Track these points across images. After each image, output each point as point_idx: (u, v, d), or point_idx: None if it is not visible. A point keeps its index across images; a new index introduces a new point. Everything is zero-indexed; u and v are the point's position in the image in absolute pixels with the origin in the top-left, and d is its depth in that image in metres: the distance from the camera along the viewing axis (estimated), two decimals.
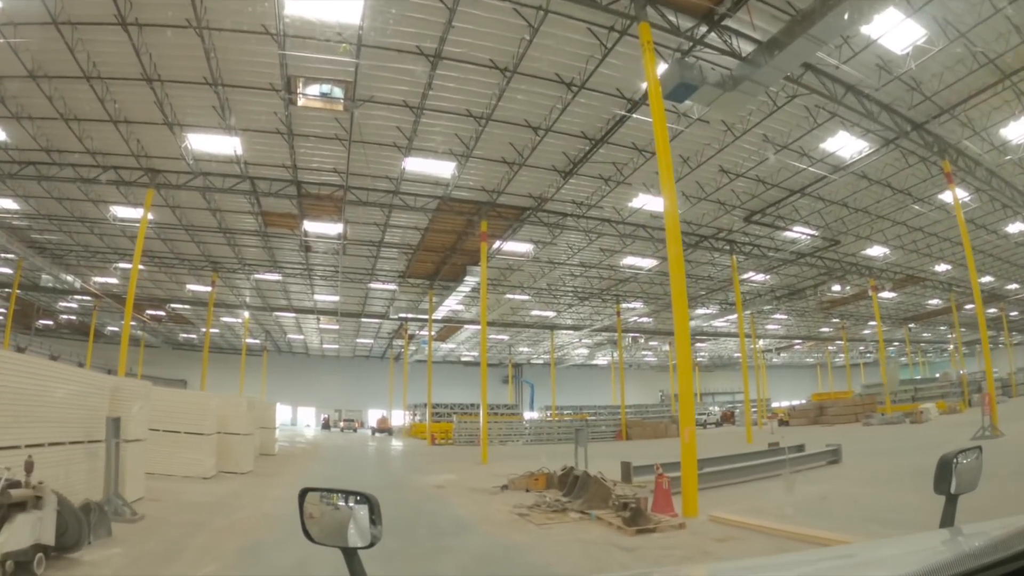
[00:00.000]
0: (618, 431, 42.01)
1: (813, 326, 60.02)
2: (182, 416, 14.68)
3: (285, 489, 13.68)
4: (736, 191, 25.82)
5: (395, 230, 29.30)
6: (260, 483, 14.93)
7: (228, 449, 16.13)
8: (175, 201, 26.96)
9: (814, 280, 40.97)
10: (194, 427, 14.68)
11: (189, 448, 14.62)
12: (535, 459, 25.46)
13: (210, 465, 15.02)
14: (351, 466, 20.93)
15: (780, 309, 49.98)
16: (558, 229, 28.35)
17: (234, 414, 16.58)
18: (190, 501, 11.64)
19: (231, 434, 16.42)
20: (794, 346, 72.58)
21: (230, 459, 16.19)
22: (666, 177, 12.93)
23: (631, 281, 39.29)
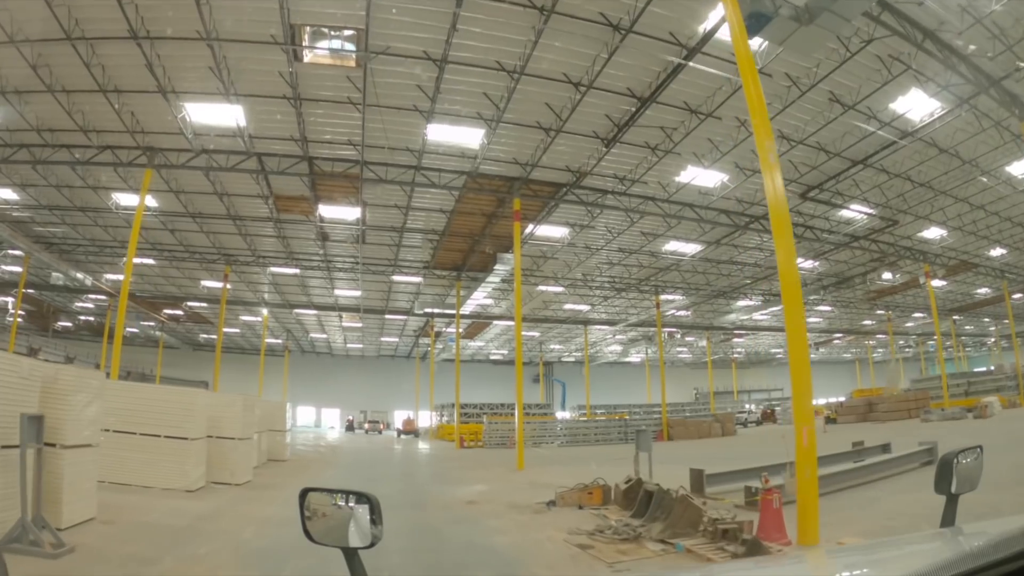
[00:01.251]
0: (659, 432, 39.12)
1: (856, 319, 56.51)
2: (162, 417, 12.33)
3: (281, 507, 11.20)
4: (794, 161, 22.90)
5: (418, 214, 26.79)
6: (253, 498, 12.41)
7: (221, 456, 13.70)
8: (179, 185, 24.74)
9: (864, 267, 37.75)
10: (176, 430, 12.32)
11: (170, 455, 12.26)
12: (578, 464, 22.87)
13: (196, 476, 12.65)
14: (369, 474, 18.30)
15: (826, 300, 46.65)
16: (597, 209, 25.66)
17: (228, 415, 14.17)
18: (152, 524, 9.17)
19: (224, 438, 14.00)
20: (833, 340, 68.98)
21: (223, 468, 13.77)
22: (761, 126, 10.14)
23: (672, 269, 36.40)
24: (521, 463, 20.09)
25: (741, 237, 30.88)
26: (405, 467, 22.29)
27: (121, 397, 12.47)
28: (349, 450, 32.03)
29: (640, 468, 12.86)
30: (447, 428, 44.29)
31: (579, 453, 27.63)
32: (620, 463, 20.49)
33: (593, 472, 17.99)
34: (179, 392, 13.82)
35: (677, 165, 22.90)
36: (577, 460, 23.95)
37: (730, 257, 34.62)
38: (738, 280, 39.37)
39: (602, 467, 20.60)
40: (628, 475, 11.71)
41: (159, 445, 12.20)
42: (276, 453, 20.46)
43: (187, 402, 12.81)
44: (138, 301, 44.22)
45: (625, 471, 17.20)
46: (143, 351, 60.20)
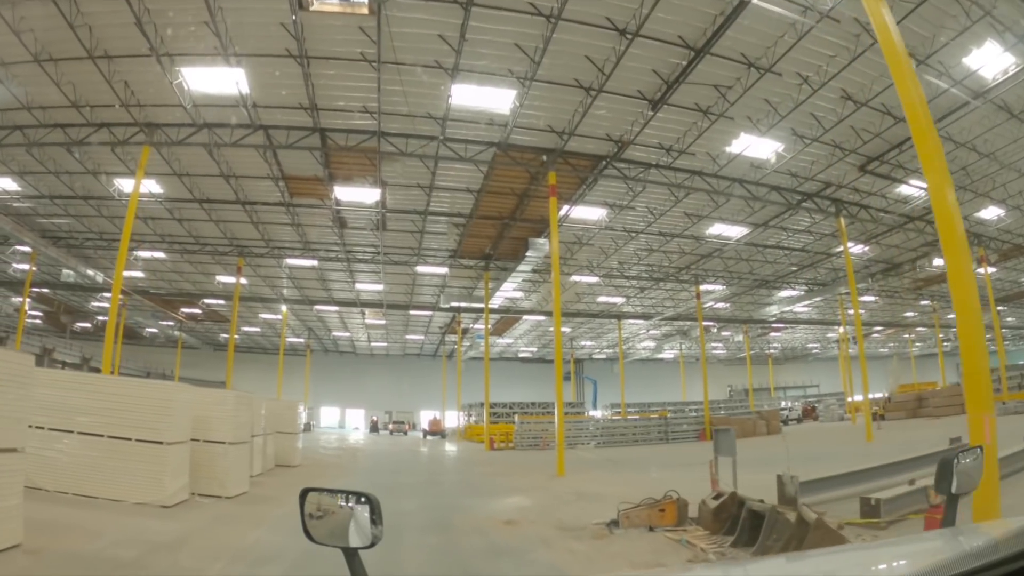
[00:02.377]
0: (701, 430, 36.60)
1: (898, 310, 53.23)
2: (133, 416, 10.21)
3: (270, 530, 9.02)
4: (856, 127, 20.28)
5: (443, 194, 24.50)
6: (241, 517, 10.15)
7: (209, 463, 11.52)
8: (182, 167, 22.77)
9: (915, 252, 34.76)
10: (150, 432, 10.17)
11: (142, 463, 10.12)
12: (625, 468, 20.49)
13: (175, 488, 10.38)
14: (389, 482, 15.77)
15: (872, 289, 43.56)
16: (639, 185, 23.24)
17: (218, 415, 11.96)
18: (90, 556, 6.99)
19: (212, 443, 11.80)
20: (873, 334, 65.60)
21: (212, 477, 11.58)
22: None
23: (714, 256, 33.77)
24: (561, 468, 17.74)
25: (791, 218, 28.28)
26: (431, 474, 19.90)
27: (87, 392, 10.41)
28: (370, 453, 29.85)
29: (720, 475, 10.47)
30: (475, 429, 42.07)
31: (621, 455, 25.24)
32: (677, 468, 18.11)
33: (650, 479, 15.63)
34: (153, 386, 11.50)
35: (729, 132, 20.42)
36: (623, 464, 21.58)
37: (777, 241, 31.98)
38: (783, 267, 36.63)
39: (658, 472, 18.31)
40: (718, 488, 9.29)
41: (130, 451, 10.05)
42: (285, 458, 18.30)
43: (162, 398, 10.60)
44: (153, 299, 42.67)
45: (687, 477, 14.80)
46: (163, 352, 58.95)
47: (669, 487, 13.44)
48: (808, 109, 19.04)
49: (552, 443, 31.25)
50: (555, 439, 31.95)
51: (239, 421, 12.19)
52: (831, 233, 30.08)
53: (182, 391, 11.25)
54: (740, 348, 66.43)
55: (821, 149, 21.79)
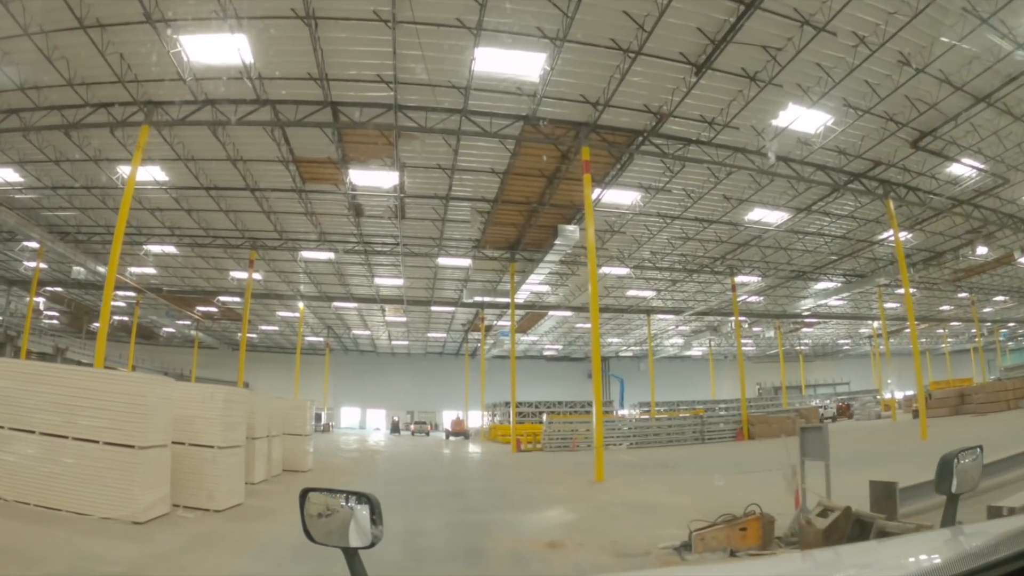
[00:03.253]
0: (739, 430, 34.61)
1: (934, 303, 50.71)
2: (100, 414, 8.61)
3: (254, 558, 7.37)
4: (911, 96, 18.29)
5: (466, 177, 22.73)
6: (224, 538, 8.35)
7: (194, 471, 9.89)
8: (187, 151, 21.33)
9: (959, 240, 32.49)
10: (119, 433, 8.54)
11: (112, 470, 8.50)
12: (669, 472, 18.40)
13: (149, 500, 8.72)
14: (408, 492, 13.63)
15: (913, 280, 41.16)
16: (677, 164, 21.47)
17: (205, 414, 10.24)
18: None
19: (199, 446, 10.16)
20: (905, 329, 62.96)
21: (198, 488, 9.90)
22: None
23: (751, 245, 31.75)
24: (600, 473, 15.88)
25: (835, 201, 26.27)
26: (455, 480, 17.93)
27: (48, 386, 8.84)
28: (390, 456, 28.14)
29: (803, 483, 8.64)
30: (500, 429, 40.35)
31: (658, 457, 23.36)
32: (729, 473, 16.27)
33: (704, 486, 13.80)
34: (121, 379, 9.75)
35: (776, 102, 18.53)
36: (665, 467, 19.75)
37: (819, 228, 29.92)
38: (822, 257, 34.53)
39: (703, 476, 16.46)
40: (824, 505, 7.42)
41: (97, 455, 8.43)
42: (294, 462, 16.60)
43: (133, 393, 8.88)
44: (166, 297, 41.46)
45: (745, 483, 13.00)
46: (180, 352, 57.85)
47: (729, 495, 11.63)
48: (863, 75, 17.15)
49: (582, 445, 29.62)
50: (586, 440, 30.46)
51: (231, 421, 10.44)
52: (875, 219, 28.21)
53: (158, 385, 9.52)
54: (770, 345, 64.36)
55: (872, 122, 19.84)
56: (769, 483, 12.78)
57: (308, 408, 18.15)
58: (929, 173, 23.48)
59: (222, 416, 10.14)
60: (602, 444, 16.70)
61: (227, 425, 10.24)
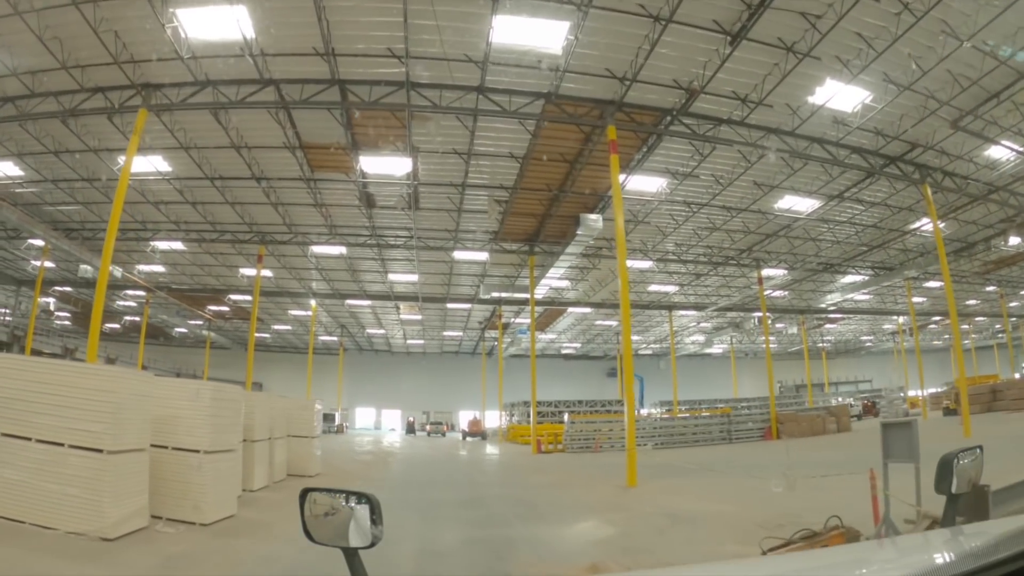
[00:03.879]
0: (767, 429, 33.18)
1: (959, 298, 48.89)
2: (66, 413, 7.45)
3: None
4: (953, 71, 16.90)
5: (483, 163, 21.47)
6: (202, 562, 6.97)
7: (179, 478, 8.68)
8: (189, 138, 20.28)
9: (993, 229, 30.89)
10: (87, 436, 7.41)
11: (78, 478, 7.34)
12: (707, 475, 16.96)
13: (120, 513, 7.48)
14: (423, 499, 12.27)
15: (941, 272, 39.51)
16: (707, 146, 20.22)
17: (189, 414, 8.95)
18: None
19: (183, 451, 8.86)
20: (930, 324, 61.11)
21: (183, 497, 8.64)
22: None
23: (780, 235, 30.33)
24: (633, 477, 14.60)
25: (869, 188, 24.87)
26: (474, 486, 16.32)
27: (6, 379, 7.77)
28: (404, 458, 26.86)
29: (886, 490, 7.35)
30: (519, 429, 39.10)
31: (689, 458, 21.99)
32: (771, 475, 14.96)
33: (750, 491, 12.52)
34: (89, 372, 8.31)
35: (813, 77, 17.20)
36: (699, 469, 18.40)
37: (850, 217, 28.43)
38: (852, 248, 33.03)
39: (753, 480, 15.16)
40: (925, 513, 6.14)
41: (63, 461, 7.29)
42: (300, 466, 15.37)
43: (103, 388, 7.60)
44: (177, 295, 40.60)
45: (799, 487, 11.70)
46: (193, 352, 57.14)
47: (782, 502, 10.39)
48: (905, 47, 15.77)
49: (604, 445, 28.33)
50: (608, 441, 29.17)
51: (221, 422, 9.22)
52: (908, 206, 26.78)
53: (132, 379, 8.25)
54: (792, 342, 62.87)
55: (912, 99, 18.49)
56: (823, 488, 11.54)
57: (315, 408, 16.85)
58: (967, 156, 22.18)
59: (209, 416, 8.91)
60: (634, 446, 15.32)
61: (216, 427, 9.00)
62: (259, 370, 58.99)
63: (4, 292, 44.32)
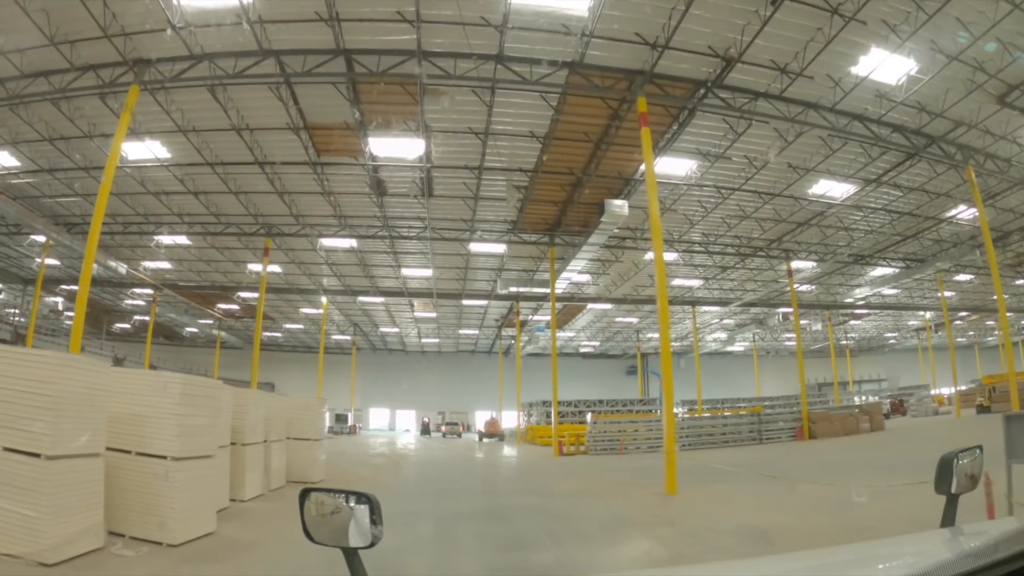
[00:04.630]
0: (799, 428, 31.53)
1: (987, 292, 46.93)
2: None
3: None
4: (1003, 38, 15.36)
5: (501, 143, 19.96)
6: None
7: (144, 490, 7.22)
8: (187, 119, 19.03)
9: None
10: (21, 437, 6.01)
11: (12, 486, 5.97)
12: (752, 480, 15.37)
13: (62, 531, 6.08)
14: (437, 512, 10.96)
15: (975, 264, 37.58)
16: (743, 122, 18.71)
17: (156, 412, 7.40)
18: None
19: (146, 456, 7.33)
20: (955, 320, 58.96)
21: (147, 512, 7.21)
22: None
23: (811, 224, 28.71)
24: (673, 483, 13.09)
25: (908, 171, 23.25)
26: (494, 495, 14.61)
27: None
28: (418, 462, 25.33)
29: (1012, 495, 5.89)
30: (538, 430, 37.61)
31: (722, 460, 20.39)
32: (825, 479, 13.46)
33: (818, 499, 10.98)
34: (24, 358, 6.66)
35: (858, 45, 15.75)
36: (741, 473, 16.84)
37: (886, 203, 26.75)
38: (885, 238, 31.33)
39: (795, 485, 13.60)
40: None
41: None
42: (301, 472, 13.85)
43: (41, 379, 6.20)
44: (184, 293, 39.53)
45: (867, 491, 10.21)
46: (205, 352, 56.14)
47: (856, 512, 8.90)
48: (955, 10, 14.30)
49: (629, 447, 26.79)
50: (634, 442, 27.62)
51: (193, 422, 7.68)
52: (947, 192, 25.19)
53: (81, 369, 6.70)
54: (815, 339, 61.06)
55: (959, 71, 16.99)
56: (892, 494, 10.02)
57: (319, 408, 15.40)
58: (1011, 137, 20.66)
59: (179, 415, 7.42)
60: (674, 448, 13.74)
61: (187, 428, 7.53)
62: (272, 370, 58.33)
63: (12, 291, 43.44)
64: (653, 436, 27.98)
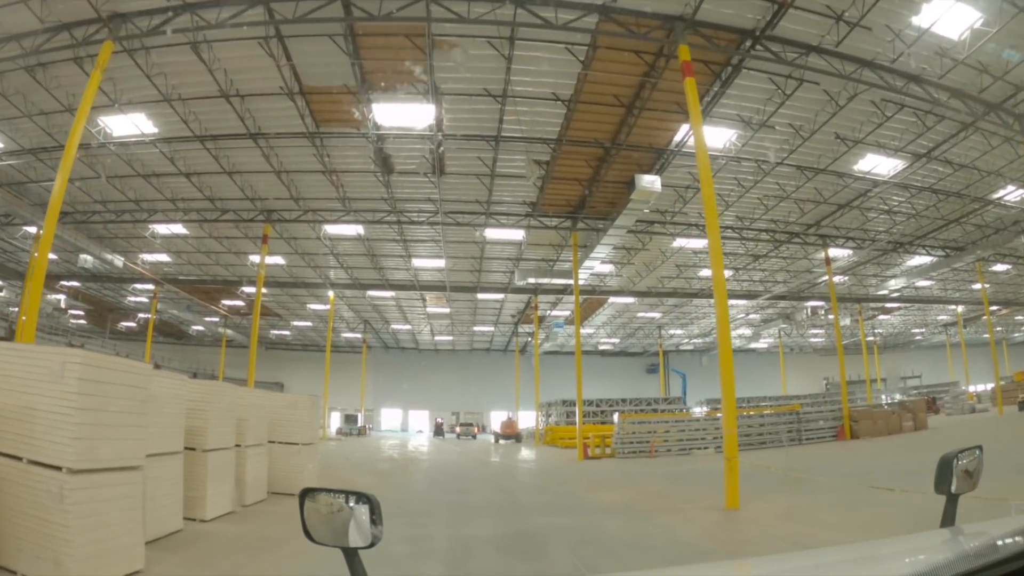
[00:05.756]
0: (840, 427, 29.37)
1: (1021, 284, 44.41)
2: None
3: None
4: None
5: (521, 107, 17.64)
6: None
7: (34, 513, 5.01)
8: (170, 85, 17.08)
9: None
10: None
11: None
12: (815, 488, 13.29)
13: None
14: (448, 536, 8.90)
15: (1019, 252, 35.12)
16: (791, 83, 16.62)
17: (49, 405, 5.13)
18: None
19: (41, 467, 5.03)
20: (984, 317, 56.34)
21: (43, 543, 4.94)
22: None
23: (852, 207, 26.45)
24: (734, 496, 10.89)
25: (961, 143, 20.97)
26: (519, 510, 11.94)
27: None
28: (428, 468, 22.94)
29: None
30: (559, 431, 35.49)
31: (769, 463, 18.15)
32: (887, 480, 11.29)
33: (893, 511, 8.83)
34: None
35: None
36: (798, 479, 14.67)
37: (934, 182, 24.43)
38: (928, 222, 28.97)
39: (869, 495, 11.36)
40: None
41: None
42: (287, 482, 11.53)
43: None
44: (186, 288, 37.79)
45: None
46: (211, 351, 54.45)
47: None
48: None
49: (660, 449, 24.63)
50: (665, 444, 25.35)
51: (103, 421, 5.39)
52: (997, 170, 22.91)
53: None
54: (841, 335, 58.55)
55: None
56: None
57: (310, 407, 12.92)
58: None
59: (80, 410, 5.17)
60: (736, 454, 11.41)
61: (91, 427, 5.26)
62: (280, 369, 56.68)
63: (13, 289, 41.86)
64: (686, 437, 25.86)
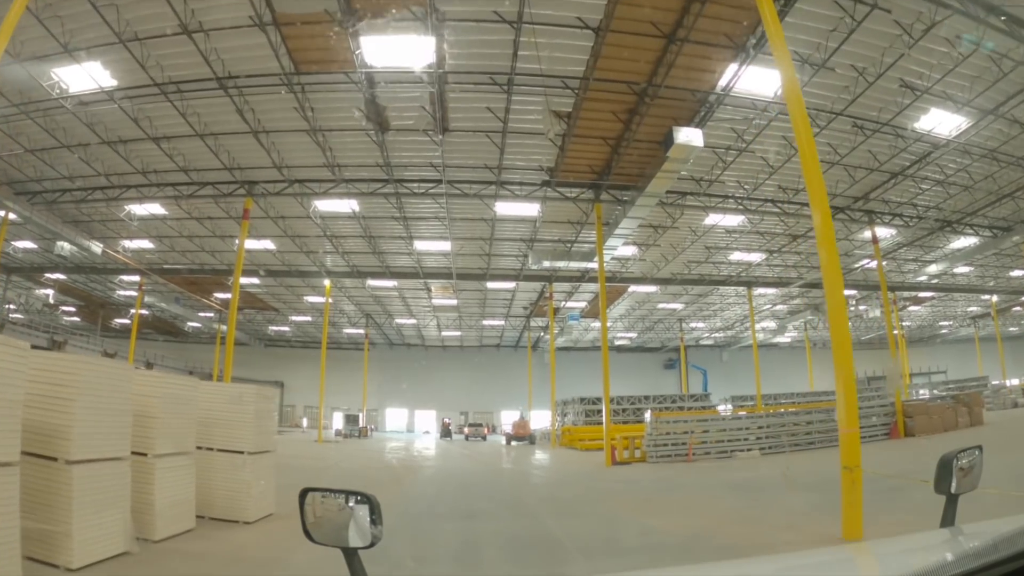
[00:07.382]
0: (893, 424, 26.45)
1: None
2: None
3: None
4: None
5: (540, 39, 14.37)
6: None
7: None
8: (124, 21, 14.30)
9: None
10: None
11: None
12: (928, 500, 10.15)
13: None
14: None
15: None
16: (863, 5, 13.71)
17: None
18: None
19: None
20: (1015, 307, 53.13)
21: None
22: None
23: (906, 175, 23.50)
24: (856, 522, 7.70)
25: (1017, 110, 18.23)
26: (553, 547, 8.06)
27: None
28: (433, 475, 19.63)
29: None
30: (577, 432, 32.51)
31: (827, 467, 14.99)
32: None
33: None
34: None
35: None
36: (893, 487, 11.62)
37: (997, 145, 21.46)
38: (982, 196, 25.92)
39: None
40: None
41: None
42: (228, 504, 8.46)
43: None
44: (172, 278, 35.18)
45: None
46: (209, 349, 51.93)
47: None
48: None
49: (697, 452, 21.63)
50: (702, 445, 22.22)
51: None
52: None
53: None
54: (868, 328, 55.82)
55: None
56: None
57: (262, 403, 9.43)
58: None
59: None
60: (859, 462, 8.28)
61: None
62: (280, 368, 54.23)
63: None
64: (727, 438, 22.92)
